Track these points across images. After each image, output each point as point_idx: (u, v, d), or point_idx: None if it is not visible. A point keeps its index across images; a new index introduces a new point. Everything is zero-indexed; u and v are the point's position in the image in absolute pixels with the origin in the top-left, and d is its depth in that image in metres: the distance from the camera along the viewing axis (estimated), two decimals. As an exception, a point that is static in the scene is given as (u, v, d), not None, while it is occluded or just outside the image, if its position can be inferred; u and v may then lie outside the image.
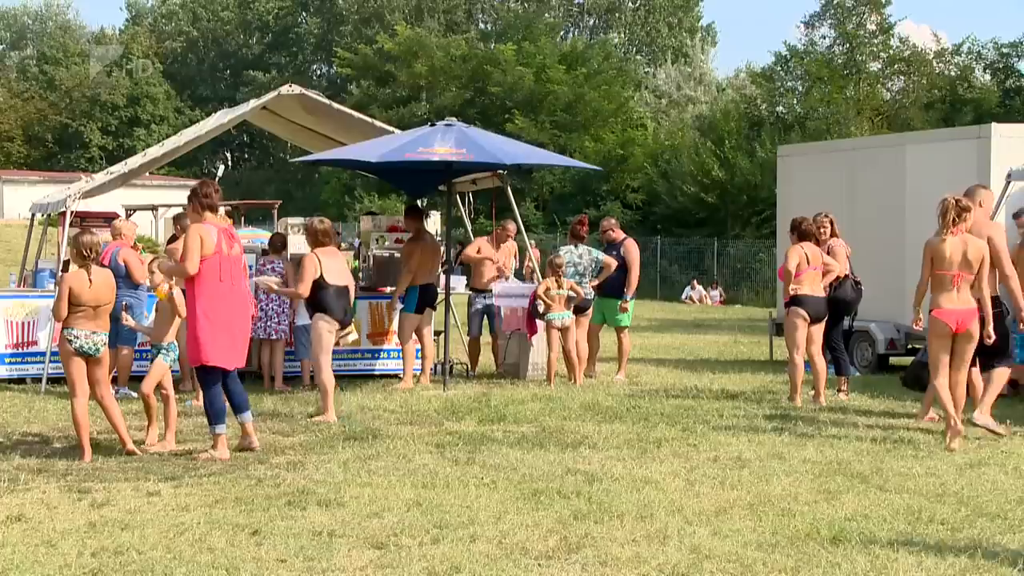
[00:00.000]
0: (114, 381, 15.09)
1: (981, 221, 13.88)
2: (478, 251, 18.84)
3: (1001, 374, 13.98)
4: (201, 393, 12.96)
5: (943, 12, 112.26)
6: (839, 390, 16.29)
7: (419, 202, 18.81)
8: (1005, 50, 56.88)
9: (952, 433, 12.93)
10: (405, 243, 17.68)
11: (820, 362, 15.80)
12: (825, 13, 65.57)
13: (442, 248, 18.16)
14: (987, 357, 13.86)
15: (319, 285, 13.91)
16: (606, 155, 52.34)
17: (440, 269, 17.68)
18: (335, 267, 14.37)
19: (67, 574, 7.58)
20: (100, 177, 19.75)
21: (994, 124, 19.76)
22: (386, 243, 19.75)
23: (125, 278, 14.70)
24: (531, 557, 8.09)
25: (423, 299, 16.78)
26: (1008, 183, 16.84)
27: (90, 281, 11.56)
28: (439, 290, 17.37)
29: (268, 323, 16.48)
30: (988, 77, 57.01)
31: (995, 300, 13.80)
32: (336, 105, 19.73)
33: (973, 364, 13.82)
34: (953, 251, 13.09)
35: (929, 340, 13.76)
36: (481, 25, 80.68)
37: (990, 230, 13.82)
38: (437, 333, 17.65)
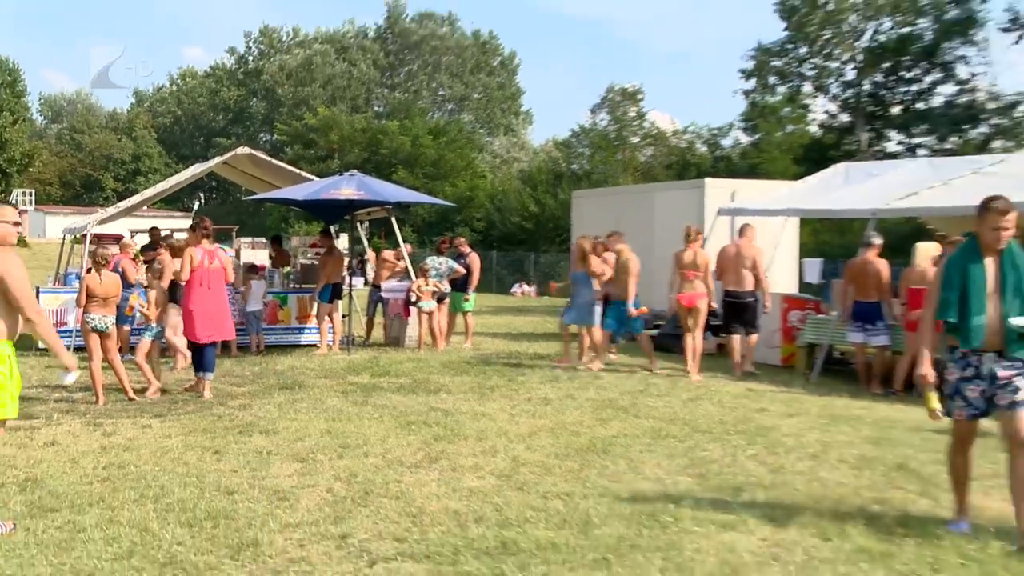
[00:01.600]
0: (120, 350, 15.05)
1: (749, 246, 14.75)
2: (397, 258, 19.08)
3: (754, 340, 14.81)
4: (177, 362, 13.57)
5: (677, 105, 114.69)
6: (611, 353, 16.46)
7: (332, 228, 18.71)
8: (714, 131, 58.23)
9: (692, 373, 13.98)
10: (321, 255, 17.63)
11: (599, 335, 15.96)
12: (603, 104, 66.35)
13: (346, 258, 18.08)
14: (747, 328, 14.75)
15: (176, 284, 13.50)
16: (459, 196, 52.38)
17: (345, 272, 17.62)
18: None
19: (86, 481, 7.64)
20: (111, 210, 19.54)
21: (707, 179, 20.12)
22: (309, 255, 19.67)
23: (122, 279, 14.63)
24: (405, 466, 8.19)
25: (334, 293, 16.68)
26: (717, 216, 17.17)
27: (101, 280, 11.81)
28: (344, 287, 17.28)
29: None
30: (704, 148, 58.17)
31: (752, 293, 14.59)
32: (275, 161, 19.53)
33: (736, 332, 14.75)
34: (688, 258, 13.77)
35: (678, 314, 14.71)
36: (375, 108, 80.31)
37: (755, 252, 14.72)
38: (344, 316, 17.57)
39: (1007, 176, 14.46)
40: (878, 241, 13.61)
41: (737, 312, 14.72)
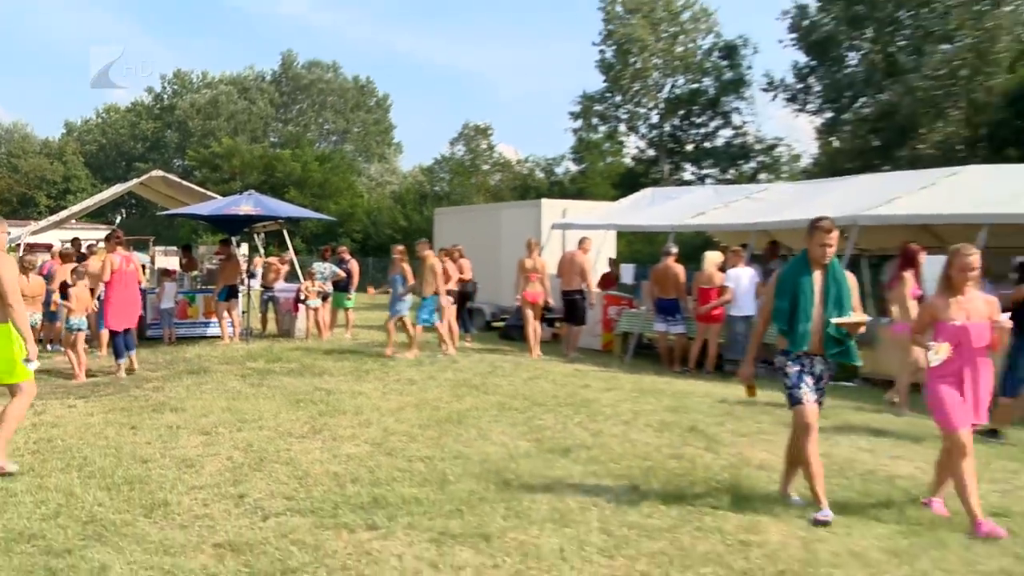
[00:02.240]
0: (51, 341, 14.57)
1: (582, 255, 14.79)
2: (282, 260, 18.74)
3: (579, 330, 14.94)
4: (102, 350, 13.04)
5: (520, 139, 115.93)
6: (466, 341, 16.45)
7: (233, 238, 18.26)
8: (549, 161, 58.79)
9: (532, 353, 14.38)
10: (221, 261, 17.18)
11: (455, 326, 15.88)
12: (460, 137, 66.27)
13: (244, 263, 17.74)
14: (573, 320, 14.86)
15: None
16: (341, 212, 51.63)
17: (245, 275, 17.26)
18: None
19: (18, 453, 7.29)
20: (43, 223, 18.91)
21: (544, 199, 20.25)
22: (214, 261, 19.15)
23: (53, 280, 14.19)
24: (294, 437, 8.03)
25: (230, 292, 16.28)
26: (551, 230, 17.34)
27: (28, 281, 11.61)
28: (242, 287, 16.88)
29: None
30: (542, 174, 58.69)
31: (581, 292, 14.66)
32: (185, 182, 19.15)
33: (569, 323, 14.90)
34: (529, 264, 13.92)
35: (522, 308, 14.80)
36: (271, 138, 78.45)
37: (584, 260, 14.71)
38: (243, 312, 17.15)
39: (769, 201, 15.02)
40: (675, 250, 13.91)
41: (570, 307, 14.90)
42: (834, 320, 5.79)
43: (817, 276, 5.91)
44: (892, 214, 12.00)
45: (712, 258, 13.31)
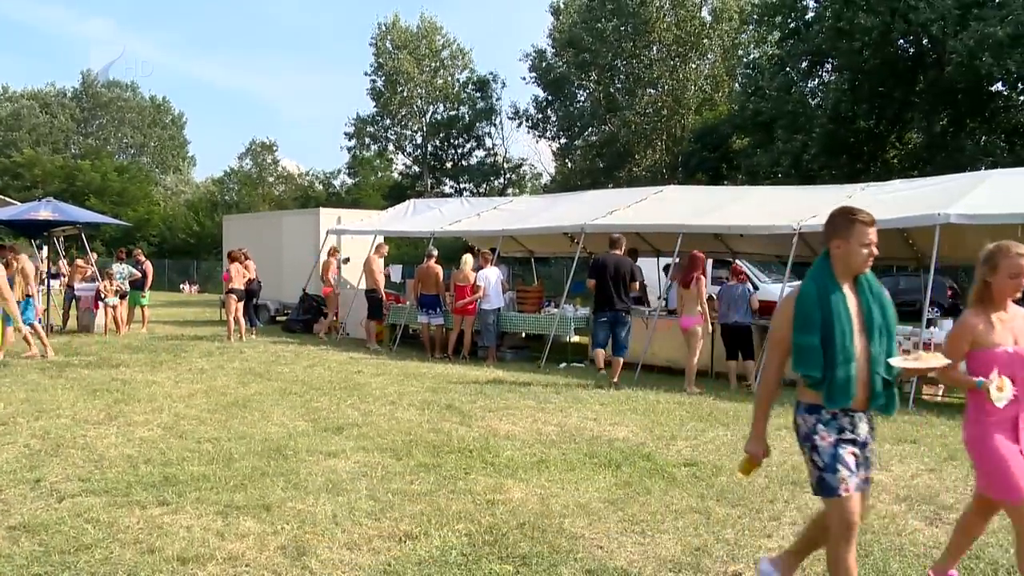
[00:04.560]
0: None
1: (374, 258, 14.72)
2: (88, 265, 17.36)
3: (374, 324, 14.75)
4: None
5: (302, 154, 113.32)
6: (252, 334, 15.79)
7: (34, 241, 16.87)
8: (328, 174, 58.33)
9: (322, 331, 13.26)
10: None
11: (242, 321, 15.25)
12: (248, 152, 63.83)
13: (43, 264, 16.38)
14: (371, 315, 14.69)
15: None
16: (139, 219, 48.65)
17: (43, 275, 15.94)
18: None
19: None
20: None
21: (321, 208, 19.79)
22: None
23: None
24: (90, 424, 7.47)
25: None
26: (327, 235, 17.04)
27: None
28: (41, 287, 15.50)
29: None
30: (321, 186, 57.85)
31: (375, 290, 14.63)
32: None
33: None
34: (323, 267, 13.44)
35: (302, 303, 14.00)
36: (72, 150, 72.06)
37: (372, 261, 14.65)
38: (44, 309, 15.80)
39: (514, 211, 15.46)
40: (435, 253, 14.02)
41: (367, 304, 14.80)
42: (897, 363, 3.38)
43: (850, 295, 3.41)
44: (612, 223, 12.61)
45: (467, 260, 13.51)
